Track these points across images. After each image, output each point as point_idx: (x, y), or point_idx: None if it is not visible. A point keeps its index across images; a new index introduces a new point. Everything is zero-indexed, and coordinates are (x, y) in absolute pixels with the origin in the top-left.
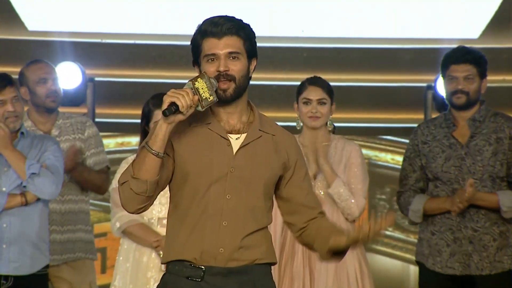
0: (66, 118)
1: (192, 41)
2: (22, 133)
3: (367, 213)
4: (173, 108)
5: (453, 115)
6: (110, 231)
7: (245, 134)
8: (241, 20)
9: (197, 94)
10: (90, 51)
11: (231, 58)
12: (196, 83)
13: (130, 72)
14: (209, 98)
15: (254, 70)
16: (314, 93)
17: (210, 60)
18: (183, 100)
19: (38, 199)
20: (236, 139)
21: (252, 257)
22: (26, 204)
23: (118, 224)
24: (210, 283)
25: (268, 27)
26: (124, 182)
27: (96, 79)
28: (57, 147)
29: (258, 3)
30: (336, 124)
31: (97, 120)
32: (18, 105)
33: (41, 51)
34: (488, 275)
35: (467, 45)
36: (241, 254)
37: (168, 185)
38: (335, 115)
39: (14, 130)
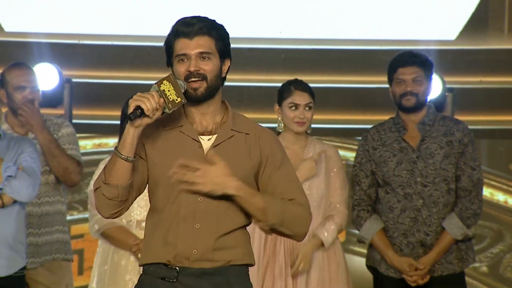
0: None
1: (165, 42)
2: (0, 135)
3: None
4: (138, 112)
5: (402, 118)
6: (87, 232)
7: (215, 136)
8: (214, 21)
9: (163, 97)
10: (67, 52)
11: (201, 58)
12: (161, 85)
13: (107, 73)
14: (176, 100)
15: (228, 70)
16: (301, 98)
17: (181, 61)
18: (148, 104)
19: (15, 201)
20: (208, 140)
21: (227, 258)
22: (2, 206)
23: (96, 226)
24: (183, 283)
25: (246, 28)
26: (97, 188)
27: (73, 80)
28: (34, 149)
29: (236, 4)
30: (314, 126)
31: (74, 121)
32: None
33: (18, 52)
34: (439, 276)
35: (444, 47)
36: (215, 255)
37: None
38: (313, 116)
39: None
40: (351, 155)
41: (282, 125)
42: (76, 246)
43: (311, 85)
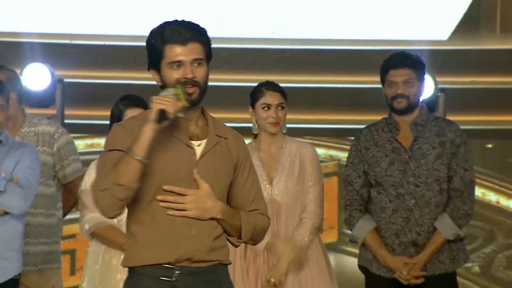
0: (33, 125)
1: (150, 46)
2: (1, 141)
3: (336, 216)
4: (164, 115)
5: (395, 119)
6: (79, 232)
7: (205, 141)
8: (199, 25)
9: (179, 100)
10: (59, 52)
11: (195, 64)
12: (176, 90)
13: (99, 73)
14: (185, 104)
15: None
16: (273, 98)
17: (175, 67)
18: (171, 107)
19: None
20: (198, 146)
21: (219, 258)
22: None
23: (87, 226)
24: (183, 282)
25: (238, 29)
26: (105, 189)
27: (65, 80)
28: (34, 158)
29: (228, 5)
30: (306, 126)
31: (66, 121)
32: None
33: (10, 52)
34: (431, 276)
35: (436, 47)
36: (211, 255)
37: None
38: (306, 116)
39: None
40: (343, 155)
41: (257, 126)
42: (68, 246)
43: (303, 85)
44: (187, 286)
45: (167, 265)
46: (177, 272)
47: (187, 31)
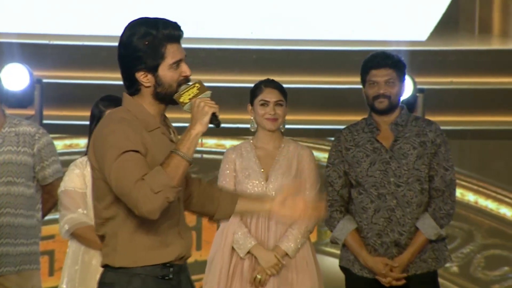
0: (13, 126)
1: (151, 45)
2: None
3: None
4: (216, 118)
5: (375, 119)
6: (58, 233)
7: (179, 137)
8: None
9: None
10: (38, 52)
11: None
12: (203, 90)
13: (78, 74)
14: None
15: None
16: (271, 95)
17: (175, 66)
18: (217, 109)
19: None
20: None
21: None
22: None
23: (67, 227)
24: (176, 279)
25: (218, 29)
26: (159, 191)
27: (44, 80)
28: None
29: (207, 5)
30: (285, 126)
31: (44, 122)
32: None
33: None
34: (414, 275)
35: (415, 48)
36: (190, 251)
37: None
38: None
39: None
40: (323, 156)
41: (255, 124)
42: (47, 247)
43: (283, 85)
44: (178, 284)
45: (165, 264)
46: (171, 270)
47: (178, 29)
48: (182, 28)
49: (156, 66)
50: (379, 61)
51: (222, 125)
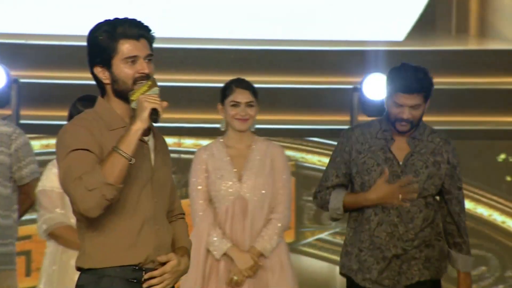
0: None
1: (97, 42)
2: None
3: (294, 216)
4: (157, 114)
5: (391, 127)
6: (35, 233)
7: (151, 136)
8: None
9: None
10: (14, 52)
11: (147, 60)
12: (153, 87)
13: (55, 74)
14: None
15: None
16: (242, 96)
17: (130, 63)
18: (160, 106)
19: None
20: (148, 141)
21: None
22: None
23: (44, 226)
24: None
25: (195, 29)
26: (93, 189)
27: (21, 80)
28: None
29: (184, 5)
30: (263, 126)
31: (21, 121)
32: None
33: None
34: (417, 282)
35: (392, 48)
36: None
37: None
38: (262, 117)
39: None
40: (300, 156)
41: (225, 123)
42: (24, 247)
43: (260, 85)
44: None
45: (137, 267)
46: (143, 273)
47: (139, 28)
48: (150, 29)
49: (109, 60)
50: (409, 85)
51: (200, 125)
